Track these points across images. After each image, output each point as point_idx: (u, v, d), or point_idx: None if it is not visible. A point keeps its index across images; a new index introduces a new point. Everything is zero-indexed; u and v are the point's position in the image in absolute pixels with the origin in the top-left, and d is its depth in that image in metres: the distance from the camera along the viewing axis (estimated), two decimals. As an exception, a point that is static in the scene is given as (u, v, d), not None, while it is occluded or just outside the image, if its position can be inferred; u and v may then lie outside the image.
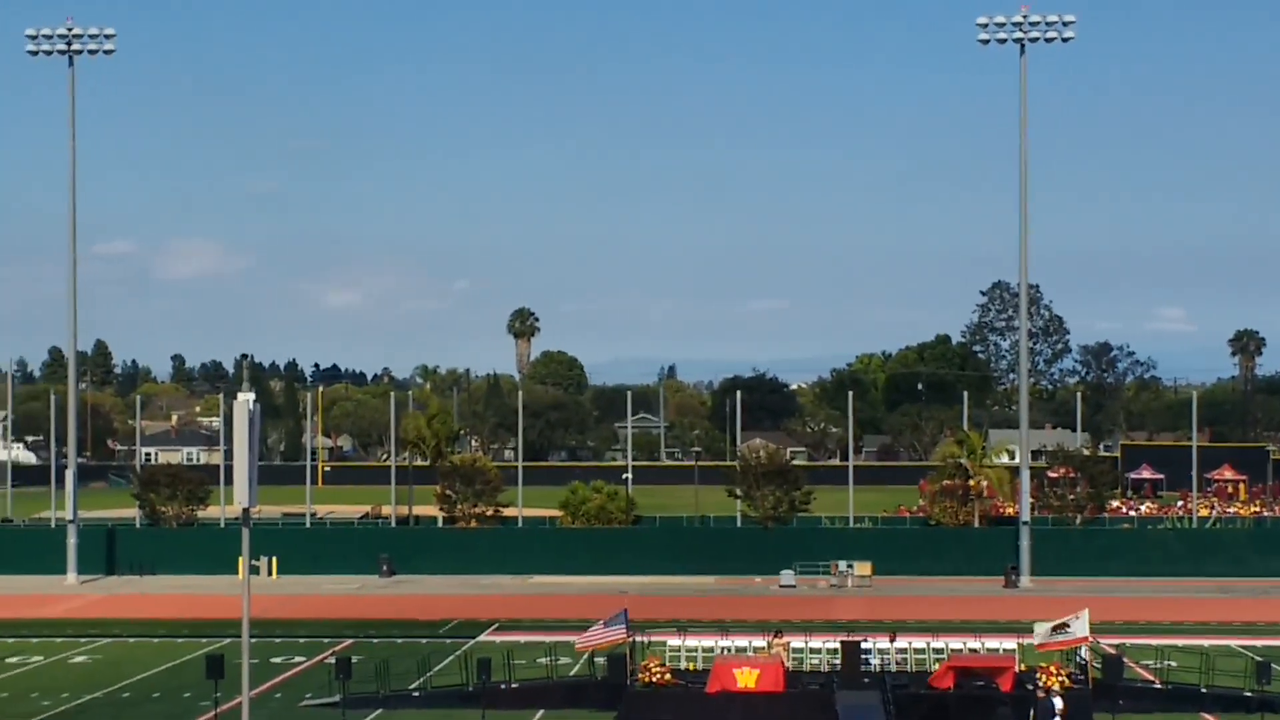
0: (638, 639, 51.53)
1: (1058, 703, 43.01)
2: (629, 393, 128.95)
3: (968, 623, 63.33)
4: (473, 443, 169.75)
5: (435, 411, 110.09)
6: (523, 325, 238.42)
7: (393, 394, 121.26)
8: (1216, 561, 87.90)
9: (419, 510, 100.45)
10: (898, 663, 51.90)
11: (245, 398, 30.76)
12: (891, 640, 52.96)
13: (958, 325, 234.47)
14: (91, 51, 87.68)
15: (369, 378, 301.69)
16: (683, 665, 51.92)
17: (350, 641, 64.12)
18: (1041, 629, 49.06)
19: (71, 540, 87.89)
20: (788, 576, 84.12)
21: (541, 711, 49.20)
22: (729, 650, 52.65)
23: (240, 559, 35.92)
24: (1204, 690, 49.94)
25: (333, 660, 51.83)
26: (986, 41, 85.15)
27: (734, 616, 68.17)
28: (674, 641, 54.13)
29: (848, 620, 66.38)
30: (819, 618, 68.80)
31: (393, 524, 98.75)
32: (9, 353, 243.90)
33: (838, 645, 51.22)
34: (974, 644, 53.19)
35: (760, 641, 52.75)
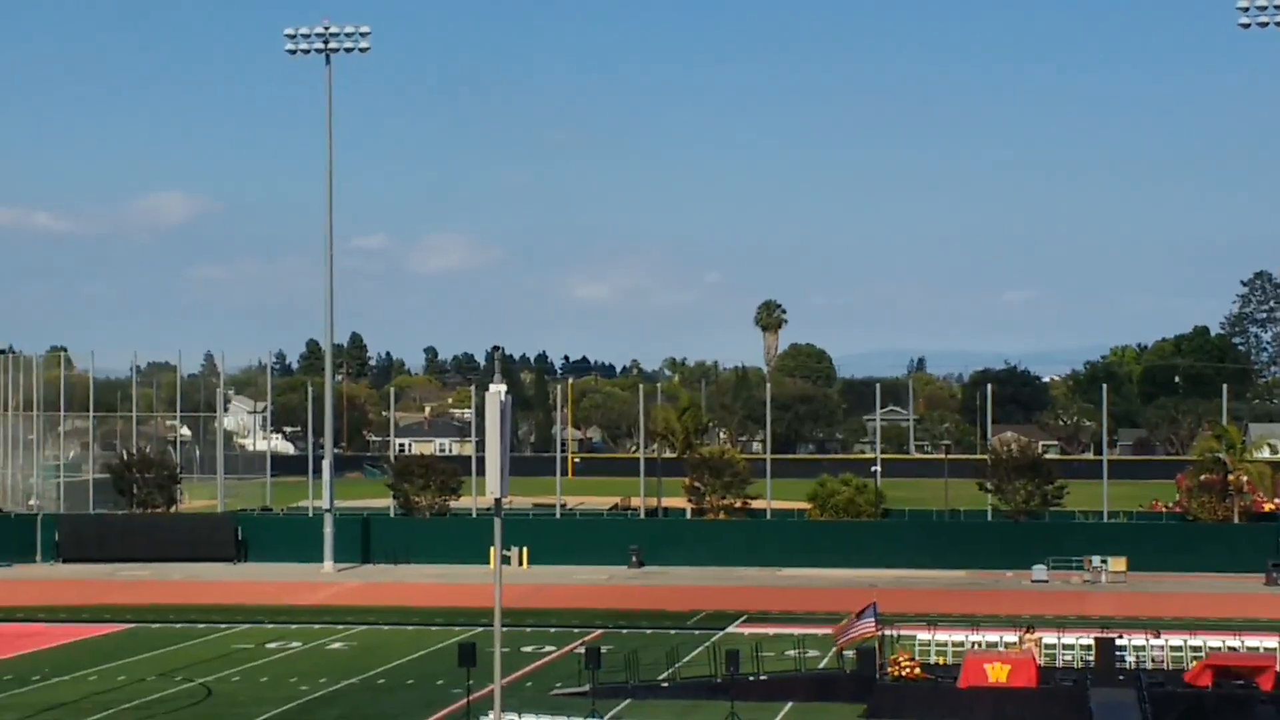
0: (887, 633, 51.30)
1: None
2: (878, 385, 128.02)
3: (1226, 620, 61.96)
4: (721, 435, 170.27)
5: (685, 404, 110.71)
6: (770, 317, 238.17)
7: (641, 386, 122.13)
8: None
9: (668, 502, 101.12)
10: (1154, 660, 50.94)
11: (497, 389, 31.31)
12: (1155, 637, 52.00)
13: (1216, 317, 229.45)
14: (348, 50, 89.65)
15: (618, 370, 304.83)
16: (932, 659, 51.65)
17: (600, 632, 64.77)
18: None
19: (328, 529, 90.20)
20: (1040, 571, 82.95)
21: (790, 704, 49.20)
22: (979, 645, 52.23)
23: (492, 549, 36.64)
24: None
25: (582, 650, 52.41)
26: (1248, 26, 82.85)
27: (985, 611, 67.45)
28: (924, 636, 53.85)
29: (1101, 616, 65.35)
30: (1072, 613, 67.85)
31: (641, 515, 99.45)
32: (268, 345, 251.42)
33: (1091, 641, 50.44)
34: (1233, 642, 52.02)
35: (1011, 637, 52.24)
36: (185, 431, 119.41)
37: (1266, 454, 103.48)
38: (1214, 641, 52.01)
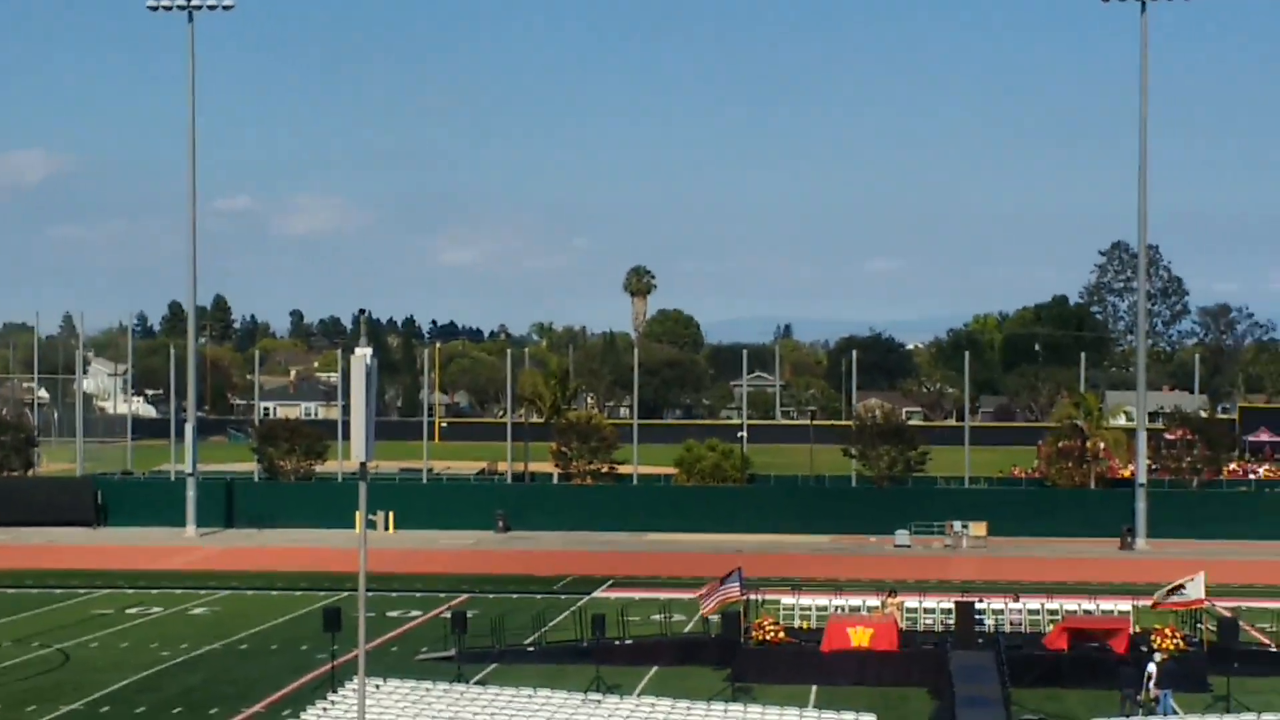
0: (752, 597, 51.68)
1: (1150, 666, 42.65)
2: (745, 351, 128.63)
3: (1083, 584, 63.13)
4: (588, 400, 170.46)
5: (554, 369, 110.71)
6: (639, 283, 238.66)
7: (509, 351, 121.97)
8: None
9: (535, 467, 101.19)
10: (1012, 624, 51.81)
11: (363, 353, 31.05)
12: (1014, 601, 52.88)
13: (1075, 286, 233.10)
14: (210, 7, 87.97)
15: (486, 334, 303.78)
16: (796, 624, 52.15)
17: (466, 596, 64.78)
18: (1159, 592, 48.81)
19: (191, 493, 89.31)
20: (902, 536, 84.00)
21: (655, 668, 49.47)
22: (843, 609, 52.76)
23: (357, 513, 36.44)
24: (1323, 655, 49.51)
25: (448, 615, 52.41)
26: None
27: (848, 576, 68.21)
28: (788, 600, 54.35)
29: (962, 580, 66.36)
30: (933, 577, 68.82)
31: (508, 480, 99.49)
32: (130, 307, 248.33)
33: (952, 606, 51.18)
34: (1089, 606, 53.00)
35: (874, 601, 52.83)
36: (43, 394, 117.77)
37: (1123, 421, 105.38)
38: (1071, 605, 52.95)
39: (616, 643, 50.36)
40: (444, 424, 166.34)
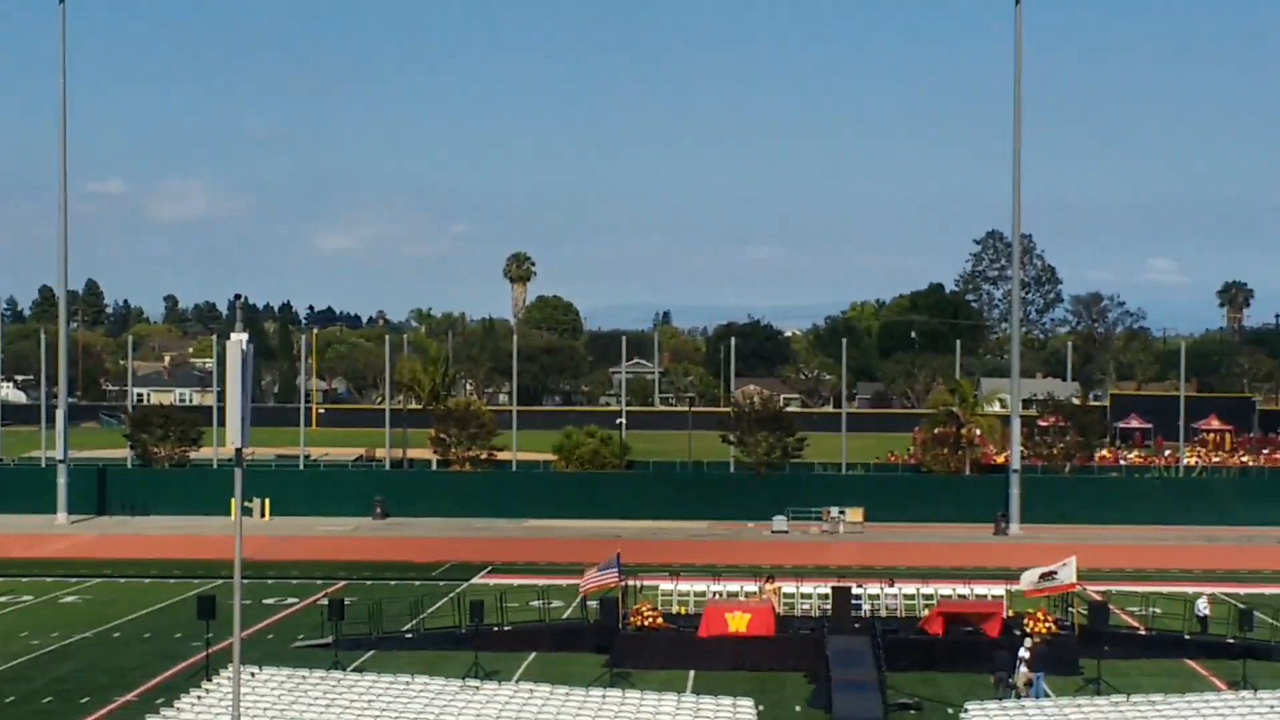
0: (630, 583, 51.81)
1: (1021, 651, 43.23)
2: (624, 338, 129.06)
3: (957, 569, 63.81)
4: (467, 387, 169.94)
5: (433, 356, 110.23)
6: (519, 270, 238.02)
7: (388, 337, 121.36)
8: (1202, 510, 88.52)
9: (413, 453, 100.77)
10: (888, 608, 52.26)
11: (239, 338, 30.72)
12: (890, 586, 53.36)
13: (951, 274, 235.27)
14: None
15: (364, 320, 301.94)
16: (674, 609, 52.28)
17: (343, 583, 64.43)
18: (1029, 576, 49.45)
19: (62, 480, 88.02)
20: (780, 522, 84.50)
21: (533, 654, 49.49)
22: (720, 595, 53.03)
23: (233, 500, 36.20)
24: (1188, 637, 50.43)
25: (325, 602, 52.16)
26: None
27: (726, 561, 68.55)
28: (666, 586, 54.48)
29: (839, 566, 66.87)
30: (810, 563, 69.30)
31: (387, 467, 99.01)
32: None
33: (829, 591, 51.58)
34: (963, 590, 53.60)
35: (752, 586, 53.12)
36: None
37: (997, 408, 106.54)
38: (945, 590, 53.51)
39: (495, 629, 50.30)
40: (321, 410, 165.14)
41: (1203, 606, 52.21)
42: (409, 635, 51.68)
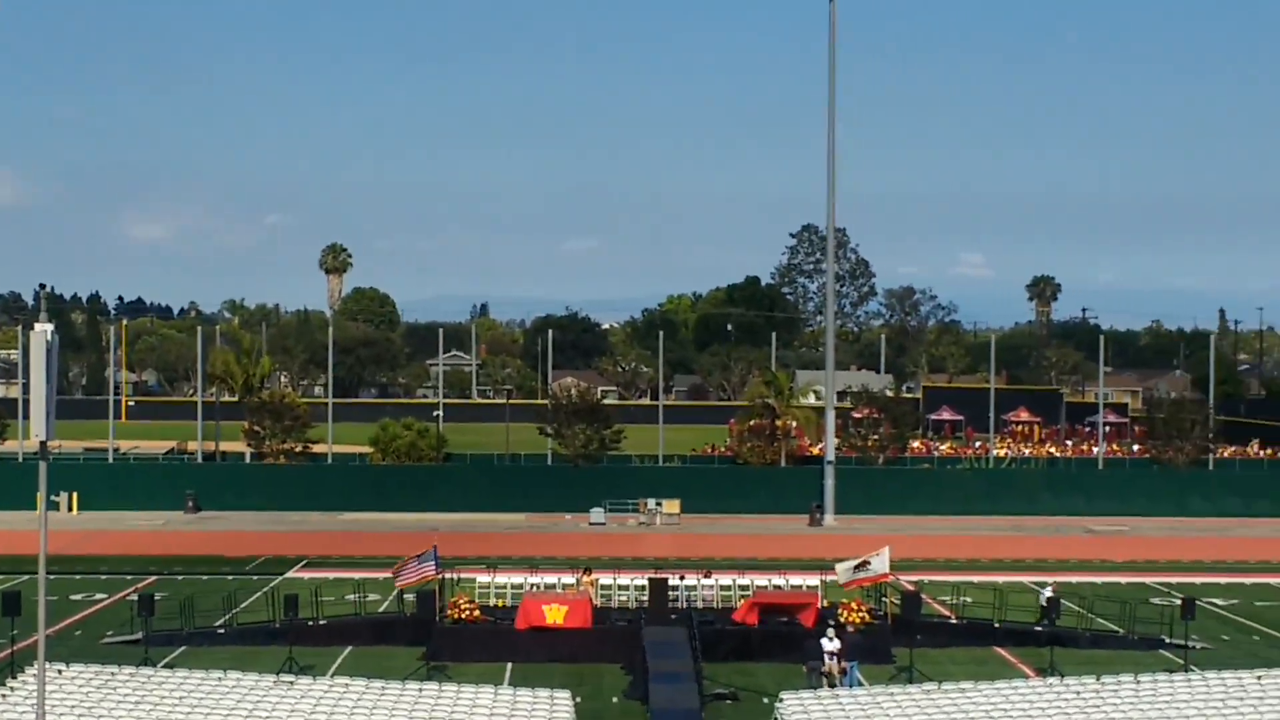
0: (447, 576, 51.61)
1: (826, 644, 43.67)
2: (441, 330, 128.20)
3: (773, 560, 64.37)
4: (282, 379, 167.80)
5: (247, 347, 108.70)
6: (335, 261, 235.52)
7: (200, 328, 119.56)
8: (1011, 500, 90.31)
9: (226, 446, 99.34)
10: (704, 599, 52.59)
11: (43, 329, 30.17)
12: (707, 577, 53.69)
13: (767, 267, 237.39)
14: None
15: (175, 312, 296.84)
16: (492, 602, 52.21)
17: (154, 578, 63.36)
18: (844, 567, 50.05)
19: None
20: (597, 514, 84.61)
21: (349, 648, 49.09)
22: (538, 587, 53.02)
23: (38, 494, 35.37)
24: (997, 625, 51.39)
25: (135, 597, 51.21)
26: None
27: (543, 554, 68.47)
28: (483, 578, 54.38)
29: (656, 557, 67.10)
30: (628, 555, 69.42)
31: (199, 460, 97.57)
32: None
33: (646, 582, 51.78)
34: (779, 581, 54.14)
35: (569, 578, 53.17)
36: None
37: (812, 400, 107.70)
38: (761, 580, 54.04)
39: (310, 623, 49.87)
40: (131, 403, 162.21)
41: (1047, 594, 53.15)
42: (222, 630, 50.95)
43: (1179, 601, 50.98)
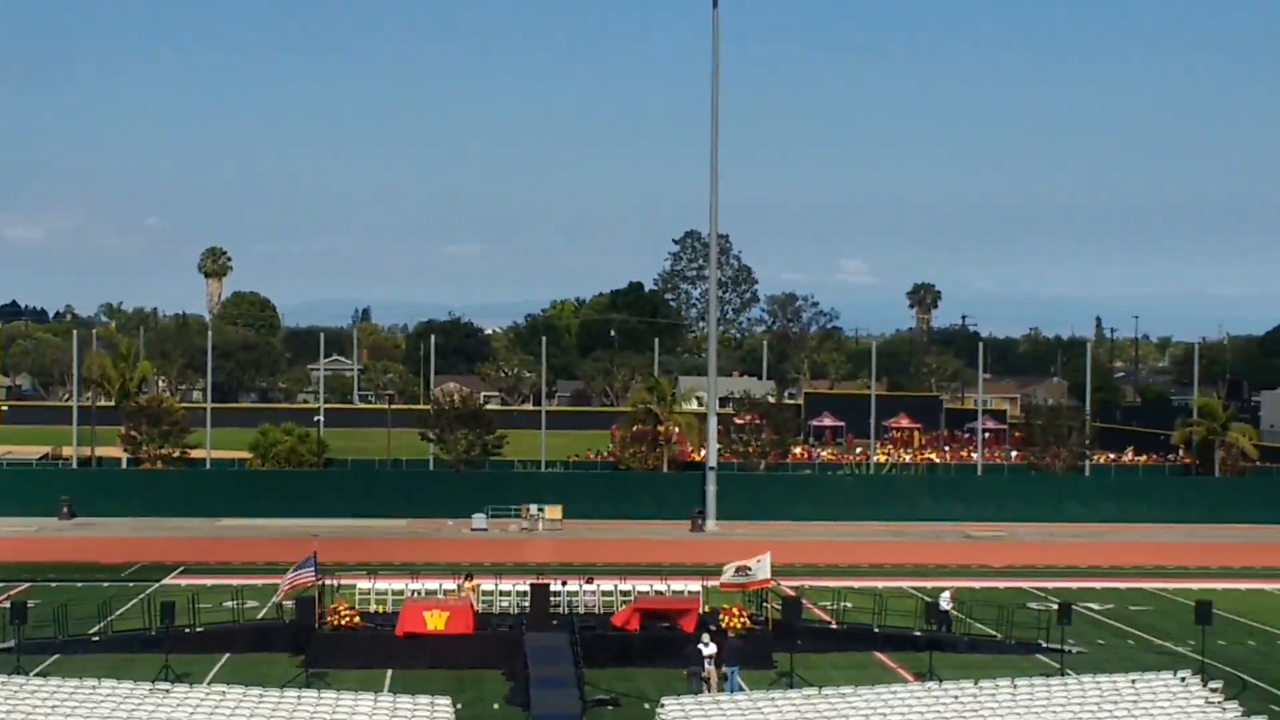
0: (327, 582, 51.24)
1: (703, 648, 43.73)
2: (322, 334, 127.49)
3: (655, 565, 64.52)
4: (160, 383, 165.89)
5: (124, 351, 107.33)
6: (214, 264, 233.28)
7: (76, 332, 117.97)
8: (891, 505, 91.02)
9: (102, 451, 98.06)
10: (586, 605, 52.60)
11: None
12: (589, 583, 53.70)
13: (650, 273, 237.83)
14: None
15: (51, 315, 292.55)
16: (372, 608, 51.94)
17: (26, 585, 62.34)
18: (728, 571, 50.20)
19: None
20: (479, 519, 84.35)
21: (227, 655, 48.56)
22: (419, 593, 52.76)
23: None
24: (877, 630, 51.76)
25: (7, 605, 50.43)
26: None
27: (425, 559, 68.15)
28: (364, 584, 54.09)
29: (538, 563, 67.03)
30: (510, 560, 69.35)
31: (74, 465, 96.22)
32: None
33: (528, 588, 51.68)
34: (660, 586, 54.25)
35: (451, 584, 52.94)
36: None
37: (695, 406, 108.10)
38: (643, 586, 54.11)
39: (187, 630, 49.29)
40: (5, 407, 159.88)
41: (945, 601, 53.60)
42: (96, 638, 50.24)
43: (1055, 606, 51.61)
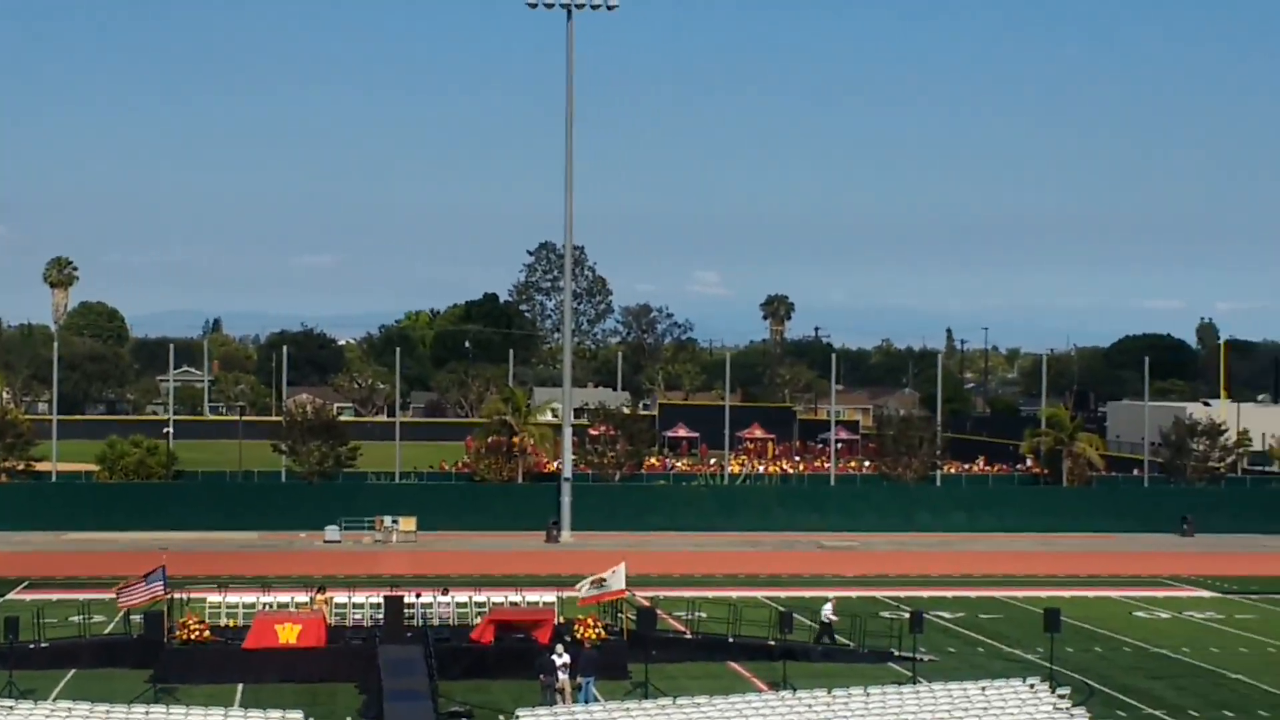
0: (177, 596, 50.50)
1: (556, 659, 43.61)
2: (171, 345, 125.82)
3: (510, 577, 64.31)
4: (4, 395, 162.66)
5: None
6: (60, 274, 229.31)
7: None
8: (745, 516, 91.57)
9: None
10: (441, 617, 52.33)
11: None
12: (444, 595, 53.43)
13: (505, 284, 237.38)
14: None
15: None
16: (223, 622, 51.26)
17: None
18: (584, 583, 50.15)
19: None
20: (332, 532, 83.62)
21: (73, 671, 47.68)
22: (270, 606, 52.13)
23: None
24: (731, 640, 51.95)
25: None
26: (534, 5, 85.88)
27: (276, 572, 67.39)
28: (214, 598, 53.37)
29: (392, 575, 66.58)
30: (363, 573, 68.82)
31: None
32: None
33: (381, 600, 51.30)
34: (515, 598, 54.09)
35: (303, 597, 52.39)
36: None
37: (550, 417, 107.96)
38: (498, 597, 53.92)
39: (31, 646, 48.29)
40: None
41: (827, 612, 53.83)
42: (-64, 655, 49.07)
43: (907, 615, 52.12)
